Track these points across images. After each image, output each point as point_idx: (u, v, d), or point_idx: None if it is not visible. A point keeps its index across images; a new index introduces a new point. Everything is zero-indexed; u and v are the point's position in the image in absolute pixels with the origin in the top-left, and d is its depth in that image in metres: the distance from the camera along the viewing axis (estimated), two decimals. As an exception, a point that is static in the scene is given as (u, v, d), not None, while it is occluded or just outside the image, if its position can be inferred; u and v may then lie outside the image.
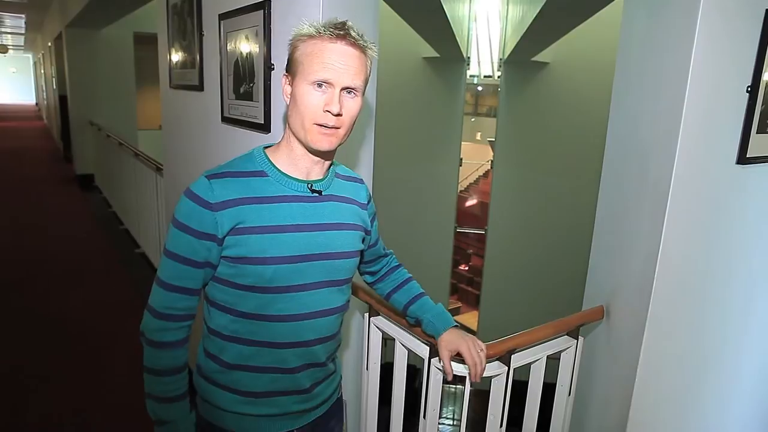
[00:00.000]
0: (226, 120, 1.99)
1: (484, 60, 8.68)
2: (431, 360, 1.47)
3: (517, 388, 1.53)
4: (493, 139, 8.17)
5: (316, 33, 0.97)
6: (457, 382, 1.36)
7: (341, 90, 0.97)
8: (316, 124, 0.98)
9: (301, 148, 1.04)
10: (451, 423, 5.58)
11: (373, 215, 1.24)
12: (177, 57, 2.46)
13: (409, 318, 1.37)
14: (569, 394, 1.68)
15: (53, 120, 12.18)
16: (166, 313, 1.01)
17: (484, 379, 1.30)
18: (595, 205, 1.72)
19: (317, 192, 1.06)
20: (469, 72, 8.15)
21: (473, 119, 18.15)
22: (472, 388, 1.44)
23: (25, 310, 3.61)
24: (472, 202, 17.20)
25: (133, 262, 4.63)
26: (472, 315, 10.98)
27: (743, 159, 1.44)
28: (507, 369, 1.46)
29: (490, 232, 8.12)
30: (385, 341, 1.74)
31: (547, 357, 1.59)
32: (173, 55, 2.50)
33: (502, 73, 7.72)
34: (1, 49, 17.06)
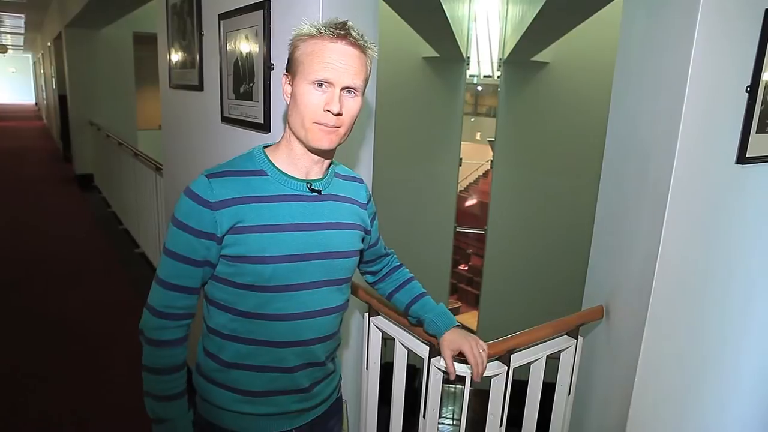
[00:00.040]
0: (226, 120, 1.99)
1: (483, 60, 8.68)
2: (431, 360, 1.47)
3: (516, 388, 1.53)
4: (493, 138, 8.17)
5: (316, 33, 0.97)
6: (456, 381, 1.36)
7: (341, 90, 0.97)
8: (316, 123, 0.98)
9: (300, 148, 1.04)
10: (451, 423, 5.58)
11: (373, 215, 1.24)
12: (177, 57, 2.46)
13: (410, 318, 1.37)
14: (569, 394, 1.68)
15: (53, 120, 12.17)
16: (165, 311, 1.01)
17: (483, 379, 1.30)
18: (594, 204, 1.72)
19: (316, 191, 1.06)
20: (469, 72, 8.14)
21: (473, 119, 18.14)
22: (472, 388, 1.44)
23: (24, 309, 3.60)
24: (471, 202, 17.21)
25: (132, 262, 4.63)
26: (472, 315, 10.99)
27: (743, 159, 1.45)
28: (507, 368, 1.47)
29: (490, 232, 8.12)
30: (385, 341, 1.74)
31: (546, 357, 1.59)
32: (173, 54, 2.50)
33: (501, 73, 7.72)
34: (1, 49, 17.05)
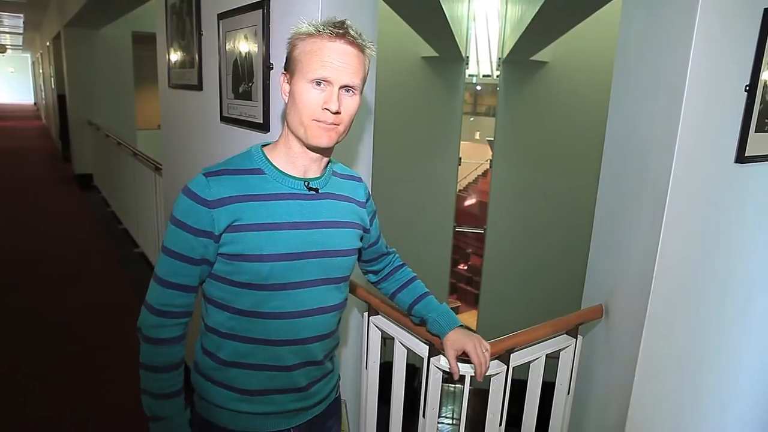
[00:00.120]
0: (225, 119, 1.99)
1: (482, 59, 8.68)
2: (431, 359, 1.47)
3: (516, 388, 1.53)
4: (492, 138, 8.17)
5: (315, 31, 0.97)
6: (456, 381, 1.36)
7: (340, 88, 0.98)
8: (315, 120, 0.98)
9: (299, 146, 1.04)
10: (451, 422, 5.58)
11: (372, 213, 1.24)
12: (176, 56, 2.46)
13: (413, 317, 1.37)
14: (568, 393, 1.68)
15: (52, 119, 12.17)
16: (163, 309, 1.01)
17: (484, 378, 1.30)
18: (594, 204, 1.72)
19: (314, 190, 1.06)
20: (468, 71, 8.15)
21: (472, 119, 18.15)
22: (472, 387, 1.44)
23: (23, 309, 3.60)
24: (471, 202, 17.21)
25: (131, 262, 4.63)
26: (471, 314, 10.99)
27: (742, 158, 1.45)
28: (506, 368, 1.47)
29: (489, 232, 8.13)
30: (385, 340, 1.74)
31: (546, 356, 1.59)
32: (172, 54, 2.50)
33: (500, 73, 7.73)
34: (0, 48, 17.03)
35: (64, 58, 7.49)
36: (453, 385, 5.57)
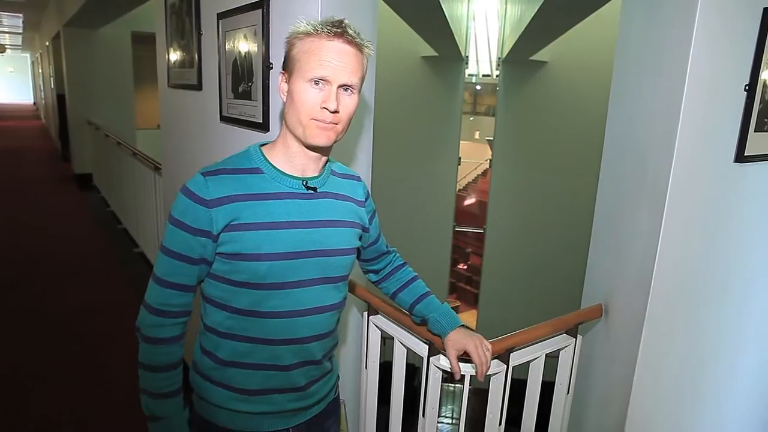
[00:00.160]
0: (225, 119, 1.99)
1: (482, 59, 8.67)
2: (430, 358, 1.47)
3: (515, 387, 1.53)
4: (492, 138, 8.17)
5: (313, 31, 0.97)
6: (455, 380, 1.36)
7: (338, 87, 0.98)
8: (313, 119, 0.98)
9: (297, 146, 1.04)
10: (450, 422, 5.58)
11: (371, 212, 1.24)
12: (175, 56, 2.45)
13: (414, 317, 1.36)
14: (568, 393, 1.68)
15: (51, 119, 12.16)
16: (162, 309, 1.01)
17: (484, 378, 1.30)
18: (593, 203, 1.72)
19: (312, 189, 1.06)
20: (468, 71, 8.14)
21: (472, 118, 18.14)
22: (471, 387, 1.44)
23: (23, 309, 3.60)
24: (470, 201, 17.21)
25: (131, 262, 4.63)
26: (471, 314, 10.99)
27: (741, 157, 1.45)
28: (506, 367, 1.47)
29: (489, 231, 8.13)
30: (384, 340, 1.74)
31: (545, 355, 1.59)
32: (171, 54, 2.50)
33: (500, 72, 7.72)
34: (-1, 48, 17.02)
35: (64, 57, 7.48)
36: (452, 384, 5.57)
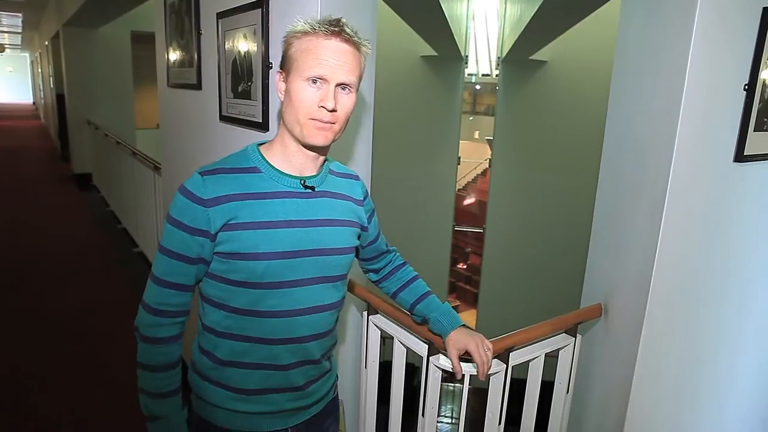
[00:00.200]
0: (224, 119, 1.99)
1: (482, 58, 8.67)
2: (430, 358, 1.47)
3: (515, 387, 1.53)
4: (491, 137, 8.17)
5: (310, 30, 0.97)
6: (455, 380, 1.36)
7: (336, 86, 0.98)
8: (311, 119, 0.98)
9: (295, 145, 1.04)
10: (450, 421, 5.58)
11: (370, 211, 1.24)
12: (175, 56, 2.45)
13: (415, 316, 1.36)
14: (567, 392, 1.69)
15: (50, 119, 12.15)
16: (160, 308, 1.01)
17: (484, 377, 1.30)
18: (593, 203, 1.72)
19: (310, 188, 1.06)
20: (467, 70, 8.13)
21: (471, 118, 18.13)
22: (471, 386, 1.44)
23: (23, 309, 3.60)
24: (470, 201, 17.21)
25: (131, 261, 4.62)
26: (471, 313, 10.99)
27: (740, 157, 1.45)
28: (505, 367, 1.47)
29: (489, 231, 8.13)
30: (384, 339, 1.74)
31: (545, 355, 1.59)
32: (171, 53, 2.49)
33: (500, 72, 7.72)
34: (-2, 48, 17.01)
35: (63, 57, 7.48)
36: (452, 384, 5.57)
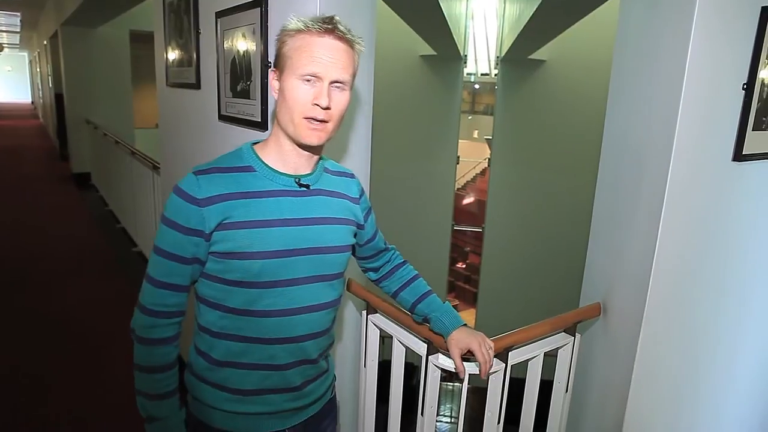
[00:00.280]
0: (223, 118, 1.99)
1: (481, 58, 8.66)
2: (429, 357, 1.47)
3: (514, 386, 1.53)
4: (490, 136, 8.17)
5: (304, 27, 0.97)
6: (454, 379, 1.36)
7: (330, 84, 0.98)
8: (305, 119, 0.98)
9: (289, 144, 1.04)
10: (449, 420, 5.59)
11: (367, 209, 1.23)
12: (174, 55, 2.45)
13: (415, 316, 1.36)
14: (566, 391, 1.69)
15: (49, 118, 12.13)
16: (156, 309, 1.01)
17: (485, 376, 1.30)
18: (592, 202, 1.72)
19: (305, 186, 1.06)
20: (466, 70, 8.14)
21: (470, 117, 18.12)
22: (470, 386, 1.44)
23: (22, 309, 3.60)
24: (469, 200, 17.22)
25: (130, 261, 4.62)
26: (470, 313, 10.99)
27: (739, 156, 1.45)
28: (504, 366, 1.47)
29: (488, 230, 8.13)
30: (383, 339, 1.74)
31: (544, 354, 1.59)
32: (170, 53, 2.49)
33: (499, 71, 7.73)
34: (-3, 47, 17.00)
35: (62, 56, 7.47)
36: (451, 383, 5.58)
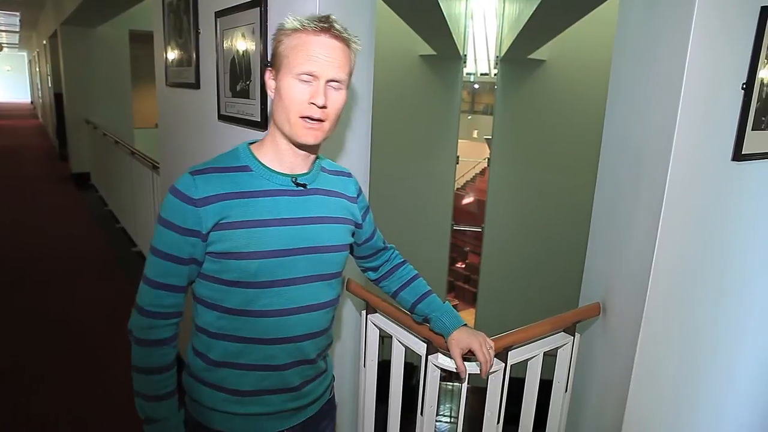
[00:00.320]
0: (223, 118, 1.98)
1: (480, 57, 8.66)
2: (428, 357, 1.47)
3: (513, 386, 1.53)
4: (490, 136, 8.17)
5: (300, 26, 0.98)
6: (454, 379, 1.36)
7: (326, 82, 0.98)
8: (301, 118, 0.98)
9: (285, 143, 1.04)
10: (449, 420, 5.59)
11: (364, 209, 1.23)
12: (173, 55, 2.45)
13: (416, 316, 1.36)
14: (566, 391, 1.69)
15: (49, 118, 12.13)
16: (153, 310, 1.01)
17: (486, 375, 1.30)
18: (591, 202, 1.72)
19: (302, 186, 1.06)
20: (466, 69, 8.14)
21: (470, 117, 18.14)
22: (469, 386, 1.44)
23: (22, 309, 3.60)
24: (469, 200, 17.23)
25: (129, 261, 4.62)
26: (469, 312, 11.00)
27: (739, 156, 1.45)
28: (504, 365, 1.47)
29: (487, 230, 8.13)
30: (382, 338, 1.74)
31: (543, 354, 1.59)
32: (169, 53, 2.49)
33: (498, 71, 7.72)
34: (-4, 47, 16.99)
35: (61, 56, 7.46)
36: (451, 383, 5.58)
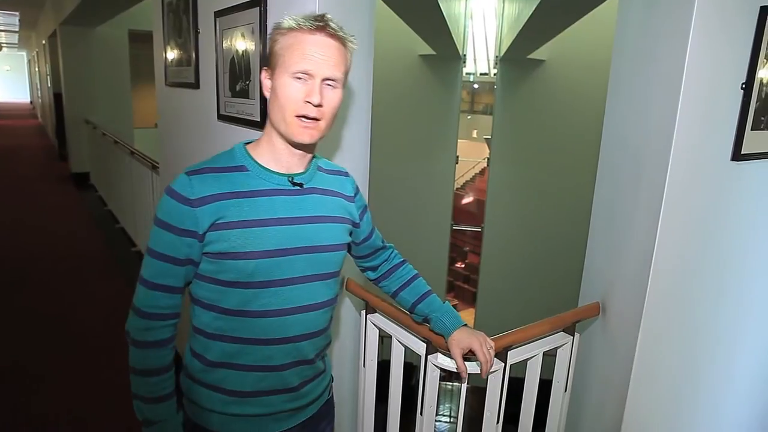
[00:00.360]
0: (222, 117, 1.98)
1: (480, 57, 8.66)
2: (428, 357, 1.47)
3: (513, 386, 1.53)
4: (490, 136, 8.17)
5: (295, 25, 0.98)
6: (453, 379, 1.36)
7: (322, 81, 0.97)
8: (297, 117, 0.98)
9: (281, 143, 1.04)
10: (448, 420, 5.59)
11: (362, 208, 1.23)
12: (172, 55, 2.45)
13: (415, 316, 1.36)
14: (565, 391, 1.69)
15: (48, 118, 12.12)
16: (150, 311, 1.00)
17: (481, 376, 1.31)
18: (591, 202, 1.72)
19: (299, 185, 1.06)
20: (466, 69, 8.14)
21: (469, 117, 18.14)
22: (469, 385, 1.44)
23: (22, 309, 3.59)
24: (468, 200, 17.24)
25: (129, 261, 4.61)
26: (469, 312, 11.00)
27: (738, 156, 1.45)
28: (504, 365, 1.47)
29: (487, 230, 8.13)
30: (382, 338, 1.74)
31: (543, 353, 1.59)
32: (169, 52, 2.49)
33: (498, 71, 7.72)
34: (-5, 46, 16.98)
35: (61, 56, 7.46)
36: (450, 383, 5.58)
